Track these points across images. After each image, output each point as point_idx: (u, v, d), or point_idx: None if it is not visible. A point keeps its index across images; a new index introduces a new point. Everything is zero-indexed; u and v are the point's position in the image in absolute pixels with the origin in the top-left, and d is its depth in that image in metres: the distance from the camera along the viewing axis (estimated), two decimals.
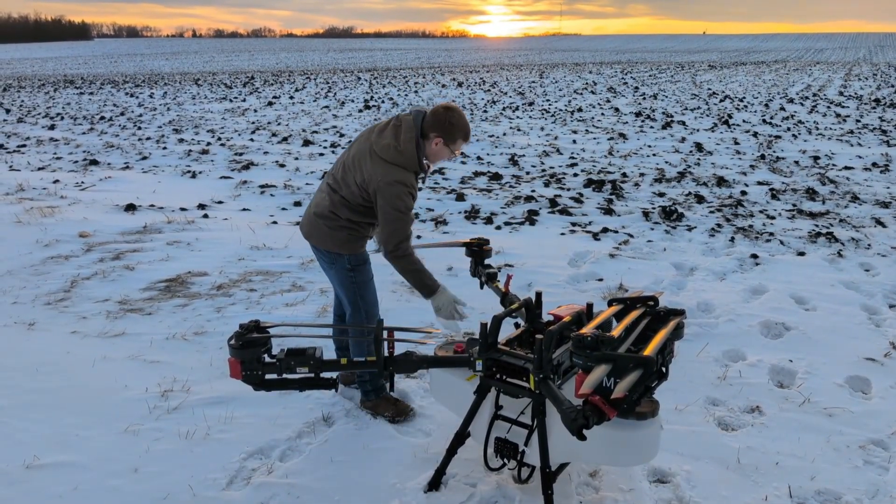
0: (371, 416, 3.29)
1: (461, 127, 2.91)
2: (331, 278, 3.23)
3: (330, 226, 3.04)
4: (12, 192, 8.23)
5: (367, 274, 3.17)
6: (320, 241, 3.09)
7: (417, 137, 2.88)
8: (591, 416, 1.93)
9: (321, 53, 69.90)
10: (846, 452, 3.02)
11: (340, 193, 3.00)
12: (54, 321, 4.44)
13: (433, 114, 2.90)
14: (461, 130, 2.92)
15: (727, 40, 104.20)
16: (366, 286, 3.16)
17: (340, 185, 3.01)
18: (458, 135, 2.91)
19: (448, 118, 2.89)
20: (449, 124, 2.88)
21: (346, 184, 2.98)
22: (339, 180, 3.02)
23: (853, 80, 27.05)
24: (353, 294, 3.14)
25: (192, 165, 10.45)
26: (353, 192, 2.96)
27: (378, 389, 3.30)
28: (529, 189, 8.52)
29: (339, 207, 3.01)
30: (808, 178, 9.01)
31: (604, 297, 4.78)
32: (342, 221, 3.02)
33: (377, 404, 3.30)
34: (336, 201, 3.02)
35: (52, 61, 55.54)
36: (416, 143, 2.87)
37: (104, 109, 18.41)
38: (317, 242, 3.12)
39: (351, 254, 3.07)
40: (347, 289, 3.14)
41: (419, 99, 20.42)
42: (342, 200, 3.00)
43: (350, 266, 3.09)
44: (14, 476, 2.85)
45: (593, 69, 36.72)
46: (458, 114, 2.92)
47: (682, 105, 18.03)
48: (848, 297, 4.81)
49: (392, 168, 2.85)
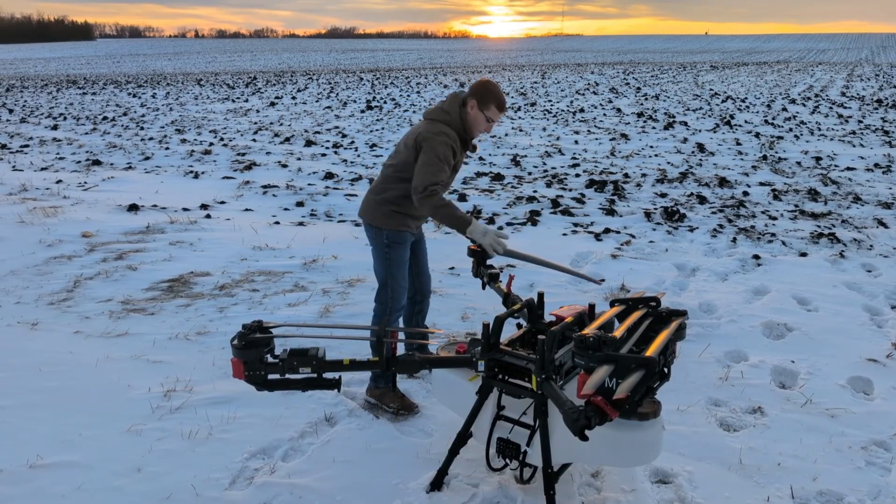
0: (374, 417, 3.30)
1: (495, 94, 3.14)
2: (373, 256, 3.38)
3: (377, 200, 3.26)
4: (15, 193, 8.24)
5: (404, 255, 3.32)
6: (365, 213, 3.33)
7: (460, 103, 3.17)
8: (594, 417, 1.93)
9: (323, 54, 69.95)
10: (848, 453, 3.02)
11: (393, 166, 3.23)
12: (57, 321, 4.45)
13: (474, 84, 3.21)
14: (495, 97, 3.14)
15: (729, 41, 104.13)
16: (399, 266, 3.31)
17: (394, 157, 3.26)
18: (490, 99, 3.12)
19: (484, 85, 3.17)
20: (484, 90, 3.14)
21: (398, 152, 3.23)
22: (393, 155, 3.27)
23: (855, 80, 27.01)
24: (385, 270, 3.30)
25: (194, 166, 10.47)
26: (403, 158, 3.17)
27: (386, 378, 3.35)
28: (531, 189, 8.52)
29: (390, 181, 3.23)
30: (811, 178, 9.00)
31: (606, 298, 4.78)
32: (388, 195, 3.22)
33: (384, 394, 3.35)
34: (388, 175, 3.24)
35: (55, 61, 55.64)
36: (458, 106, 3.15)
37: (107, 110, 18.45)
38: (362, 214, 3.36)
39: (391, 230, 3.25)
40: (381, 264, 3.31)
41: (422, 99, 20.43)
42: (394, 172, 3.21)
43: (387, 242, 3.26)
44: (17, 475, 2.86)
45: (595, 70, 36.71)
46: (493, 84, 3.18)
47: (684, 105, 18.02)
48: (850, 297, 4.81)
49: (437, 124, 3.13)
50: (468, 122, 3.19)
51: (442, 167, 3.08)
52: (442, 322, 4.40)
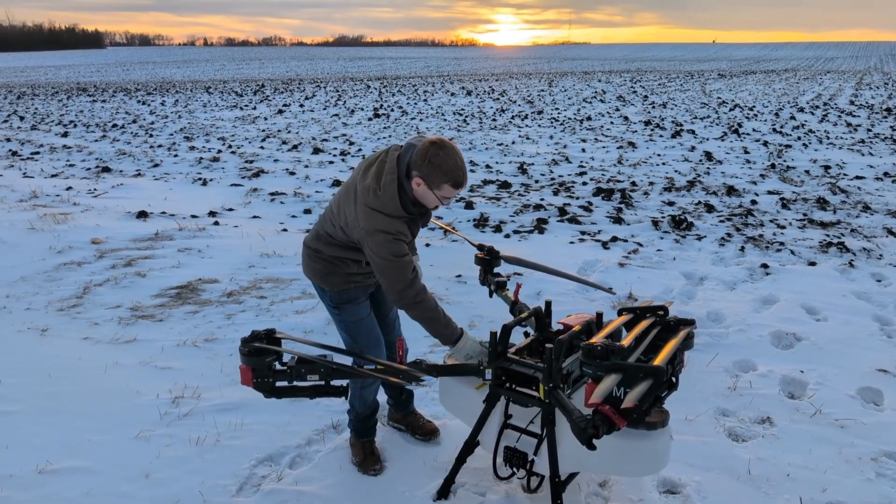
0: (380, 424, 3.29)
1: (446, 169, 2.37)
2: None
3: (309, 252, 2.78)
4: (26, 199, 8.31)
5: (357, 314, 2.80)
6: (304, 266, 2.84)
7: (400, 178, 2.45)
8: (601, 426, 1.93)
9: (331, 62, 70.33)
10: (858, 464, 3.00)
11: (324, 228, 2.73)
12: (67, 327, 4.48)
13: (419, 149, 2.42)
14: (445, 173, 2.38)
15: (737, 49, 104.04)
16: (356, 326, 2.81)
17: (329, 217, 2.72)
18: (440, 178, 2.38)
19: (430, 156, 2.37)
20: (429, 164, 2.37)
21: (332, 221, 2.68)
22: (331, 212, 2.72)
23: (864, 88, 26.93)
24: (344, 334, 2.85)
25: (202, 173, 10.53)
26: (336, 231, 2.67)
27: (360, 432, 3.02)
28: (538, 197, 8.52)
29: (322, 239, 2.73)
30: (819, 187, 8.97)
31: (613, 307, 4.77)
32: (323, 253, 2.72)
33: (353, 444, 3.05)
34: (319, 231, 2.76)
35: (65, 69, 56.17)
36: (397, 184, 2.44)
37: (116, 117, 18.59)
38: (303, 268, 2.86)
39: (334, 290, 2.75)
40: (337, 327, 2.87)
41: (429, 107, 20.49)
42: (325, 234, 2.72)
43: (334, 303, 2.78)
44: (27, 481, 2.87)
45: (602, 78, 36.75)
46: (445, 152, 2.37)
47: (691, 114, 18.00)
48: (860, 307, 4.78)
49: (373, 215, 2.43)
50: (417, 197, 2.48)
51: (397, 264, 2.45)
52: None
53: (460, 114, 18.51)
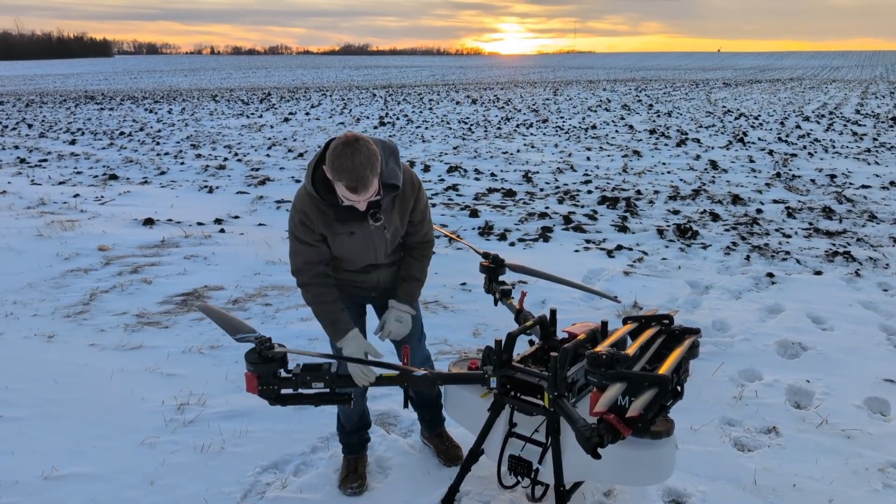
0: (384, 433, 3.29)
1: (338, 167, 2.20)
2: None
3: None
4: (34, 206, 8.37)
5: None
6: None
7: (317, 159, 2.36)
8: (606, 435, 1.93)
9: (337, 70, 70.68)
10: (865, 475, 2.98)
11: None
12: (73, 333, 4.50)
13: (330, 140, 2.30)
14: (337, 171, 2.21)
15: (742, 58, 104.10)
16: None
17: None
18: (334, 174, 2.23)
19: (334, 148, 2.23)
20: (330, 156, 2.23)
21: None
22: None
23: (870, 98, 26.88)
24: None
25: (209, 180, 10.58)
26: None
27: (345, 447, 3.00)
28: (543, 206, 8.53)
29: None
30: (825, 196, 8.95)
31: (618, 315, 4.77)
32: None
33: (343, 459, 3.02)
34: None
35: (73, 77, 56.60)
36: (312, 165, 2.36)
37: (124, 125, 18.71)
38: None
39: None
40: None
41: (434, 116, 20.56)
42: None
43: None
44: (32, 487, 2.88)
45: (607, 86, 36.81)
46: (348, 150, 2.19)
47: (696, 122, 18.01)
48: (866, 317, 4.76)
49: (299, 189, 2.50)
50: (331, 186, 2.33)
51: (296, 245, 2.49)
52: (454, 338, 4.41)
53: (465, 122, 18.56)
